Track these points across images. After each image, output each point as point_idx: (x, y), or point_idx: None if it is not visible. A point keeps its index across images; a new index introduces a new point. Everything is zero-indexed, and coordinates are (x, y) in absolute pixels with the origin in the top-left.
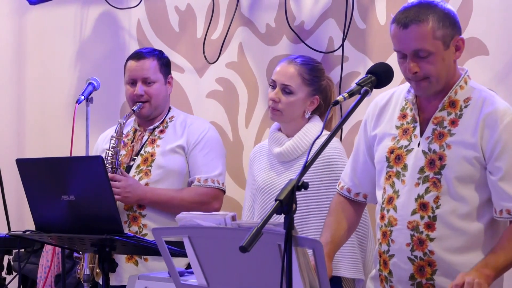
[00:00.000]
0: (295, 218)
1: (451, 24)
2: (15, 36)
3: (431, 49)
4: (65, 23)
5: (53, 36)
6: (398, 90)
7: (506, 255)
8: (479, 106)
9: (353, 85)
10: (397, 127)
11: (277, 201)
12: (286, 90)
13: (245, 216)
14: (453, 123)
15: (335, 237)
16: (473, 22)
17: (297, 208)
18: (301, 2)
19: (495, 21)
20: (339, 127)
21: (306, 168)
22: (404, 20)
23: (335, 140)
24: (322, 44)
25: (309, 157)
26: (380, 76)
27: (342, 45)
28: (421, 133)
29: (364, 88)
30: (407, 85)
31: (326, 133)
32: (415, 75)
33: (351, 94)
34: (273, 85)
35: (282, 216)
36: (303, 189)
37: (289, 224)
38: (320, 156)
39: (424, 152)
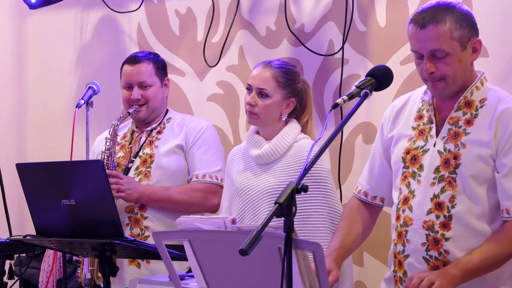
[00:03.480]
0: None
1: (468, 25)
2: (15, 40)
3: (448, 49)
4: (65, 27)
5: (53, 40)
6: (416, 93)
7: (481, 256)
8: (494, 105)
9: (352, 88)
10: (414, 128)
11: (277, 204)
12: (262, 93)
13: None
14: (469, 122)
15: (344, 242)
16: None
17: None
18: (301, 5)
19: (494, 22)
20: (340, 129)
21: (306, 171)
22: (421, 20)
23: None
24: (323, 47)
25: (309, 160)
26: (379, 78)
27: (342, 47)
28: (437, 133)
29: (364, 90)
30: (424, 87)
31: (304, 136)
32: (431, 76)
33: (351, 96)
34: (250, 89)
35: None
36: (302, 192)
37: (289, 227)
38: (298, 160)
39: (439, 152)
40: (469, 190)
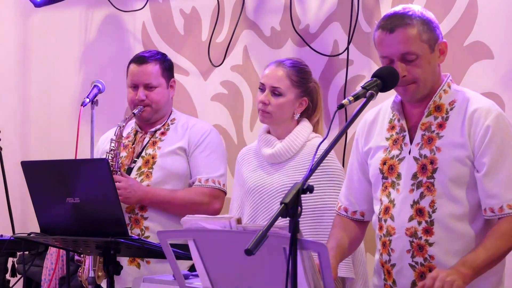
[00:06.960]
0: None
1: (434, 28)
2: (20, 38)
3: (419, 51)
4: (70, 25)
5: (58, 38)
6: (385, 105)
7: (487, 253)
8: (464, 106)
9: (358, 89)
10: (387, 139)
11: (283, 204)
12: (275, 92)
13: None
14: (441, 126)
15: (340, 243)
16: (478, 25)
17: None
18: (306, 6)
19: (500, 24)
20: (345, 130)
21: (312, 171)
22: (389, 25)
23: (325, 143)
24: (327, 48)
25: (314, 161)
26: (385, 79)
27: (347, 48)
28: (411, 141)
29: (370, 91)
30: (392, 98)
31: (316, 135)
32: (403, 79)
33: (356, 97)
34: (262, 88)
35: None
36: (308, 193)
37: (294, 227)
38: (311, 158)
39: (415, 159)
40: (448, 193)
